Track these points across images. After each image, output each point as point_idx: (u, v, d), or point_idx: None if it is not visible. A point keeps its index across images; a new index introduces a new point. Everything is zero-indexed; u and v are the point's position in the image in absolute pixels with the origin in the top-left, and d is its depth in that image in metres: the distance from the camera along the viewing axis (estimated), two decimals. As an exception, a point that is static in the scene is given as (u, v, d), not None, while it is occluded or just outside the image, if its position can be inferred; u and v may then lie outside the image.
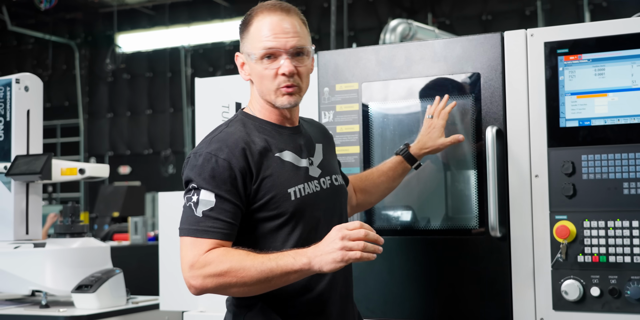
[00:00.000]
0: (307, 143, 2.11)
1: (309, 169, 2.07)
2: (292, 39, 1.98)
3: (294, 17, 2.02)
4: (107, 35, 14.15)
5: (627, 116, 2.32)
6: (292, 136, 2.08)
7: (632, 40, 2.32)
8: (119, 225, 8.08)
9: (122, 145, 14.52)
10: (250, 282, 1.83)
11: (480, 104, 2.50)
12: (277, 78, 1.99)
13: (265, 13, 2.01)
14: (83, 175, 3.63)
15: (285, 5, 2.04)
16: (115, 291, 3.49)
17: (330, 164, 2.17)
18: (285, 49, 1.98)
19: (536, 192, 2.43)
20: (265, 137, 2.02)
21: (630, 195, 2.30)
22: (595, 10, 11.02)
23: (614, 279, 2.30)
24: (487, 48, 2.50)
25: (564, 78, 2.40)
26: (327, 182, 2.10)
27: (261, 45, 1.98)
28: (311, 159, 2.09)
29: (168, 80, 13.90)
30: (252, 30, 2.01)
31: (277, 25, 1.98)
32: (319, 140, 2.19)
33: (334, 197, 2.11)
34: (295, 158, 2.04)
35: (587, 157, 2.36)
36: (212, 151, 1.94)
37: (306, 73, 2.04)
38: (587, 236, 2.34)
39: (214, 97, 3.08)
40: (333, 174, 2.14)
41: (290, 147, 2.04)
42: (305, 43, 2.02)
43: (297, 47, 1.99)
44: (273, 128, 2.07)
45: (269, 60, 1.99)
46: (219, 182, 1.90)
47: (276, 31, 1.98)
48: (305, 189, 2.01)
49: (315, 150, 2.13)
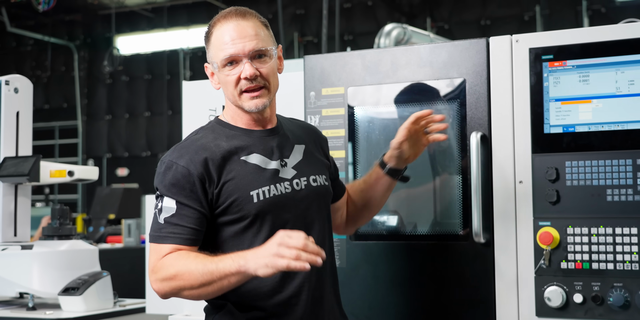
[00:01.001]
0: (281, 144, 2.11)
1: (280, 170, 2.06)
2: (249, 42, 2.01)
3: (250, 21, 2.04)
4: (106, 37, 14.17)
5: (611, 123, 2.32)
6: (264, 138, 2.09)
7: (616, 47, 2.32)
8: (114, 228, 8.07)
9: (120, 147, 14.53)
10: (196, 284, 1.86)
11: (465, 110, 2.50)
12: (240, 82, 2.02)
13: (222, 21, 2.04)
14: (72, 178, 3.63)
15: (241, 10, 2.06)
16: (102, 294, 3.49)
17: (311, 164, 2.15)
18: (244, 53, 2.01)
19: (520, 198, 2.42)
20: (233, 141, 2.04)
21: (614, 202, 2.30)
22: (593, 15, 11.04)
23: (597, 285, 2.30)
24: (472, 54, 2.50)
25: (549, 84, 2.40)
26: (301, 183, 2.08)
27: (222, 54, 2.02)
28: (285, 160, 2.08)
29: (166, 82, 13.92)
30: (213, 39, 2.05)
31: (234, 31, 2.01)
32: (301, 141, 2.17)
33: (310, 198, 2.09)
34: (262, 160, 2.05)
35: (571, 163, 2.35)
36: (173, 159, 1.99)
37: (271, 73, 2.05)
38: (571, 243, 2.34)
39: (202, 100, 3.08)
40: (312, 175, 2.11)
41: (259, 149, 2.06)
42: (265, 45, 2.04)
43: (256, 50, 2.02)
44: (243, 132, 2.09)
45: (231, 66, 2.02)
46: (179, 188, 1.95)
47: (233, 37, 2.01)
48: (270, 191, 2.00)
49: (292, 151, 2.12)
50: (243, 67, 2.01)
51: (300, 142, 2.17)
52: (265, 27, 2.08)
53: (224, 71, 2.03)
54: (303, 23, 12.88)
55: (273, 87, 2.07)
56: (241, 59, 2.01)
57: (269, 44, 2.06)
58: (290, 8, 12.70)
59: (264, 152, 2.06)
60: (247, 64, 2.00)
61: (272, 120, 2.14)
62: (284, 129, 2.18)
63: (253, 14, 2.07)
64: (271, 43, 2.08)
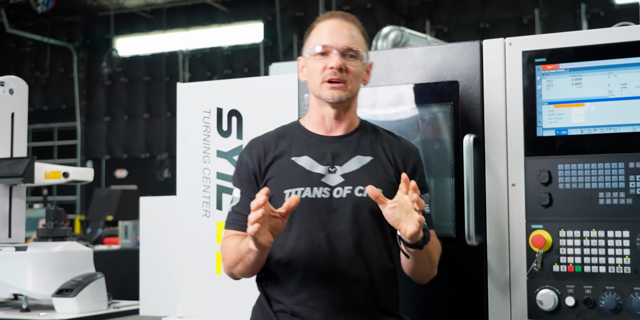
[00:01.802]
0: (338, 152, 2.17)
1: (326, 176, 2.14)
2: (344, 39, 2.16)
3: (351, 24, 2.21)
4: (105, 38, 14.18)
5: (604, 126, 2.32)
6: (322, 144, 2.19)
7: (609, 50, 2.32)
8: (111, 229, 8.08)
9: (119, 149, 14.54)
10: (232, 263, 2.09)
11: (458, 112, 2.50)
12: (325, 71, 2.15)
13: (327, 18, 2.23)
14: (67, 179, 3.62)
15: (346, 14, 2.24)
16: (96, 296, 3.48)
17: (367, 176, 2.13)
18: (336, 46, 2.15)
19: (513, 201, 2.42)
20: (292, 141, 2.20)
21: (606, 205, 2.30)
22: (592, 19, 11.05)
23: (589, 288, 2.30)
24: (465, 56, 2.50)
25: (542, 87, 2.40)
26: (343, 192, 2.12)
27: (316, 42, 2.18)
28: (335, 167, 2.15)
29: (165, 84, 13.92)
30: (313, 32, 2.23)
31: (334, 27, 2.18)
32: (369, 153, 2.19)
33: (347, 207, 2.11)
34: (310, 163, 2.15)
35: (563, 166, 2.35)
36: (242, 151, 2.26)
37: (355, 74, 2.17)
38: (563, 246, 2.34)
39: (195, 103, 3.07)
40: (360, 185, 2.13)
41: (312, 153, 2.17)
42: (358, 47, 2.18)
43: (348, 48, 2.15)
44: (306, 135, 2.22)
45: (322, 56, 2.16)
46: (241, 179, 2.20)
47: (332, 31, 2.17)
48: (304, 193, 2.10)
49: (348, 161, 2.16)
50: (332, 57, 2.14)
51: (367, 154, 2.19)
52: (363, 36, 2.23)
53: (314, 59, 2.17)
54: (302, 25, 12.89)
55: (354, 88, 2.18)
56: (332, 51, 2.15)
57: (364, 49, 2.21)
58: (289, 10, 12.71)
59: (315, 156, 2.16)
60: (337, 56, 2.14)
61: (346, 125, 2.22)
62: (357, 139, 2.21)
63: (355, 20, 2.24)
64: (365, 50, 2.22)
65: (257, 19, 13.31)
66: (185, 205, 3.06)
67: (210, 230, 3.00)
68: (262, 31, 13.26)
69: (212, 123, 3.03)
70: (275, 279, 2.14)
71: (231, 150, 3.00)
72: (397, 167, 2.21)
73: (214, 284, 3.00)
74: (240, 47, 13.52)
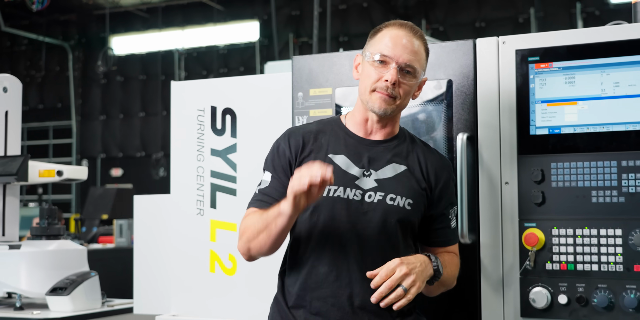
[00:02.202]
0: (374, 157, 2.17)
1: (360, 178, 2.14)
2: (408, 55, 2.13)
3: (417, 39, 2.17)
4: (101, 37, 14.16)
5: (597, 124, 2.32)
6: (360, 146, 2.19)
7: (602, 49, 2.33)
8: (106, 228, 8.07)
9: (115, 148, 14.51)
10: (255, 233, 2.07)
11: (451, 111, 2.50)
12: (379, 82, 2.13)
13: (395, 26, 2.18)
14: (61, 177, 3.62)
15: (415, 27, 2.20)
16: (90, 294, 3.48)
17: (400, 185, 2.15)
18: (397, 60, 2.12)
19: (506, 199, 2.43)
20: (332, 138, 2.20)
21: (598, 204, 2.30)
22: (588, 18, 11.06)
23: (582, 287, 2.30)
24: (459, 55, 2.50)
25: (535, 86, 2.40)
26: (375, 197, 2.12)
27: (379, 49, 2.14)
28: (371, 171, 2.15)
29: (161, 83, 13.90)
30: (379, 35, 2.18)
31: (400, 39, 2.14)
32: (404, 163, 2.19)
33: (376, 212, 2.11)
34: (346, 163, 2.15)
35: (556, 164, 2.36)
36: (279, 138, 2.24)
37: (407, 91, 2.15)
38: (556, 244, 2.34)
39: (190, 101, 3.07)
40: (392, 193, 2.13)
41: (349, 153, 2.17)
42: (417, 64, 2.15)
43: (407, 64, 2.13)
44: (347, 134, 2.21)
45: (380, 64, 2.14)
46: (275, 164, 2.19)
47: (396, 43, 2.14)
48: (336, 191, 2.11)
49: (384, 167, 2.16)
50: (389, 70, 2.12)
51: (402, 164, 2.19)
52: (426, 54, 2.21)
53: (372, 65, 2.15)
54: (298, 24, 12.88)
55: (402, 103, 2.18)
56: (391, 63, 2.12)
57: (421, 67, 2.18)
58: (285, 9, 12.70)
59: (352, 156, 2.16)
60: (394, 70, 2.11)
61: (385, 133, 2.21)
62: (394, 146, 2.21)
63: (422, 35, 2.20)
64: (423, 67, 2.19)
65: (253, 18, 13.30)
66: (179, 204, 3.06)
67: (204, 228, 3.00)
68: (258, 30, 13.25)
69: (206, 121, 3.03)
70: (298, 272, 2.14)
71: (225, 148, 3.00)
72: (429, 181, 2.20)
73: (207, 283, 3.00)
74: (236, 46, 13.51)
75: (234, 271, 2.96)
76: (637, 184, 2.26)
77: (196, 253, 3.02)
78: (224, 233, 2.97)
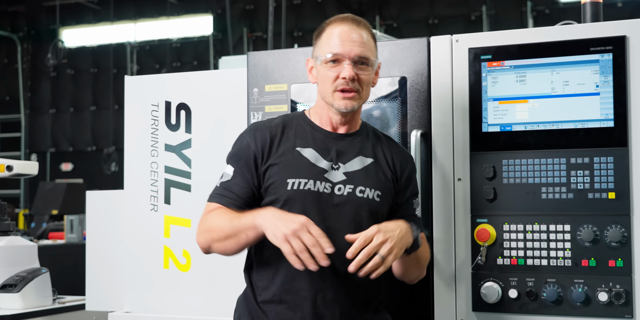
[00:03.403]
0: (342, 150, 2.18)
1: (329, 171, 2.14)
2: (357, 48, 2.13)
3: (363, 29, 2.17)
4: (51, 29, 13.89)
5: (547, 122, 2.37)
6: (327, 140, 2.19)
7: (552, 48, 2.38)
8: (56, 224, 7.93)
9: (65, 142, 14.27)
10: (223, 236, 2.05)
11: (406, 108, 2.53)
12: (337, 81, 2.13)
13: (338, 22, 2.18)
14: (11, 172, 3.55)
15: (358, 18, 2.20)
16: (41, 291, 3.43)
17: (368, 178, 2.16)
18: (349, 56, 2.12)
19: (459, 195, 2.47)
20: (298, 132, 2.20)
21: (548, 200, 2.35)
22: (538, 16, 11.24)
23: (531, 281, 2.35)
24: (413, 52, 2.53)
25: (487, 84, 2.44)
26: (344, 190, 2.13)
27: (328, 50, 2.14)
28: (339, 164, 2.16)
29: (113, 76, 13.71)
30: (324, 36, 2.18)
31: (346, 34, 2.14)
32: (371, 156, 2.20)
33: (347, 205, 2.12)
34: (315, 156, 2.16)
35: (507, 161, 2.40)
36: (244, 132, 2.23)
37: (366, 82, 2.16)
38: (507, 239, 2.39)
39: (144, 96, 3.05)
40: (361, 186, 2.14)
41: (317, 147, 2.17)
42: (370, 54, 2.16)
43: (360, 56, 2.13)
44: (313, 128, 2.22)
45: (334, 64, 2.14)
46: (238, 158, 2.18)
47: (344, 39, 2.13)
48: (307, 184, 2.11)
49: (352, 160, 2.17)
50: (344, 67, 2.12)
51: (369, 156, 2.20)
52: (373, 40, 2.20)
53: (325, 66, 2.15)
54: (252, 18, 12.82)
55: (364, 95, 2.17)
56: (344, 60, 2.13)
57: (374, 55, 2.18)
58: (239, 3, 12.63)
59: (320, 150, 2.17)
60: (349, 66, 2.12)
61: (350, 126, 2.22)
62: (360, 140, 2.22)
63: (366, 24, 2.20)
64: (375, 56, 2.19)
65: (207, 12, 13.19)
66: (133, 200, 3.04)
67: (158, 224, 2.98)
68: (212, 24, 13.15)
69: (161, 117, 3.01)
70: (267, 267, 2.13)
71: (180, 144, 2.99)
72: (395, 171, 2.23)
73: (161, 279, 2.98)
74: (190, 40, 13.39)
75: (188, 267, 2.95)
76: (585, 180, 2.32)
77: (150, 249, 3.00)
78: (178, 229, 2.95)
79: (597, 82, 2.33)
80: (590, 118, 2.33)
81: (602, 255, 2.28)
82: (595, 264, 2.29)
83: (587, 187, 2.32)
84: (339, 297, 2.10)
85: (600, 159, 2.31)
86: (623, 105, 2.30)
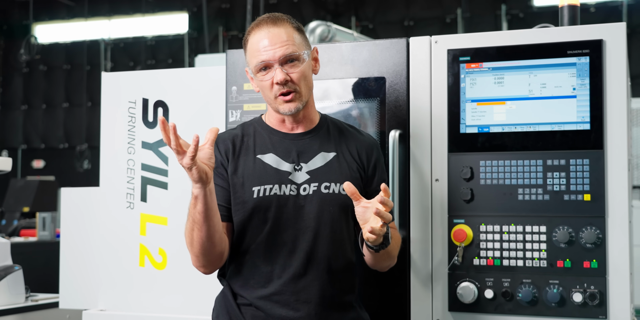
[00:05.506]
0: (302, 149, 2.18)
1: (292, 173, 2.14)
2: (279, 49, 2.11)
3: (282, 27, 2.14)
4: (24, 24, 13.74)
5: (524, 124, 2.39)
6: (286, 142, 2.19)
7: (530, 51, 2.40)
8: (28, 221, 7.85)
9: (37, 139, 14.13)
10: (188, 233, 2.02)
11: (384, 108, 2.54)
12: (274, 87, 2.12)
13: (255, 29, 2.16)
14: (-17, 169, 3.51)
15: (274, 17, 2.16)
16: (14, 288, 3.40)
17: (332, 172, 2.16)
18: (274, 59, 2.11)
19: (436, 196, 2.48)
20: (257, 139, 2.20)
21: (524, 201, 2.38)
22: (512, 20, 11.34)
23: (507, 282, 2.37)
24: (393, 53, 2.54)
25: (465, 85, 2.46)
26: (309, 189, 2.13)
27: (255, 60, 2.13)
28: (301, 165, 2.16)
29: (86, 73, 13.59)
30: (248, 46, 2.17)
31: (265, 39, 2.12)
32: (332, 149, 2.20)
33: (313, 203, 2.12)
34: (276, 161, 2.16)
35: (484, 162, 2.42)
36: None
37: (301, 77, 2.14)
38: (483, 240, 2.41)
39: (121, 93, 3.02)
40: (326, 182, 2.14)
41: (277, 150, 2.17)
42: (295, 49, 2.12)
43: (286, 55, 2.11)
44: (270, 132, 2.22)
45: (265, 71, 2.13)
46: None
47: (264, 44, 2.11)
48: (272, 190, 2.11)
49: (313, 158, 2.17)
50: (275, 72, 2.11)
51: (331, 151, 2.20)
52: (297, 31, 2.17)
53: (258, 76, 2.14)
54: (228, 17, 12.78)
55: (305, 90, 2.15)
56: (273, 65, 2.11)
57: (301, 48, 2.15)
58: (215, 2, 12.59)
59: (280, 153, 2.16)
60: (278, 69, 2.11)
61: (306, 124, 2.21)
62: (319, 135, 2.21)
63: (285, 19, 2.16)
64: (303, 47, 2.16)
65: (182, 10, 13.12)
66: (109, 197, 3.02)
67: (134, 222, 2.96)
68: (187, 22, 13.09)
69: (138, 114, 2.99)
70: (239, 273, 2.14)
71: (157, 141, 2.97)
72: (360, 162, 2.23)
73: (136, 277, 2.97)
74: (165, 38, 13.31)
75: (164, 265, 2.93)
76: (561, 182, 2.34)
77: (125, 247, 2.98)
78: (154, 227, 2.94)
79: (574, 85, 2.36)
80: (566, 120, 2.36)
81: (577, 257, 2.31)
82: (570, 265, 2.31)
83: (563, 188, 2.34)
84: (312, 297, 2.10)
85: (576, 161, 2.34)
86: (599, 108, 2.33)
